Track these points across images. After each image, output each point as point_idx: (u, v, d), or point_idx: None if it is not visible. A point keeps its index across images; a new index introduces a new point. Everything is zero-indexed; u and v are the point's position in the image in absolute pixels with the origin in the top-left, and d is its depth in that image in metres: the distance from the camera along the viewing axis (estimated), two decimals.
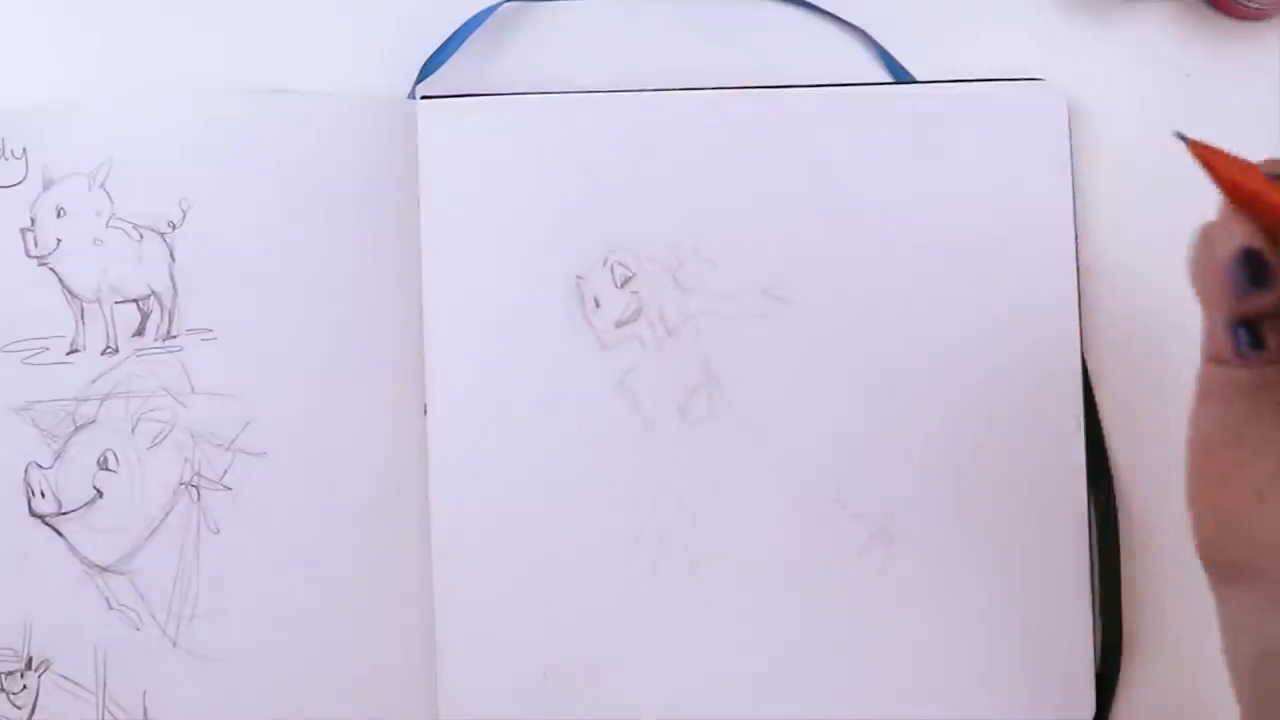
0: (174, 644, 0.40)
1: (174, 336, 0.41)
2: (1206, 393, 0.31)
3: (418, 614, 0.41)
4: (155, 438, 0.41)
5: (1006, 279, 0.42)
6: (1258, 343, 0.29)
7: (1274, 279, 0.28)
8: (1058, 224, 0.42)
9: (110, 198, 0.41)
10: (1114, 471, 0.42)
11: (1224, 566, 0.31)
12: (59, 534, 0.41)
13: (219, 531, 0.40)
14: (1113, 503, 0.41)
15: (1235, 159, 0.29)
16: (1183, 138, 0.30)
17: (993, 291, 0.42)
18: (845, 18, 0.43)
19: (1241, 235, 0.28)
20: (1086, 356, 0.42)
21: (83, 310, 0.41)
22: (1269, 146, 0.42)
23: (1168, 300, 0.43)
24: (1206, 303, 0.30)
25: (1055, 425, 0.42)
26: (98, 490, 0.41)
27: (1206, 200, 0.43)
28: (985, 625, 0.42)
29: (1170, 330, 0.43)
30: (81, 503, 0.41)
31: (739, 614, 0.41)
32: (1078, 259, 0.42)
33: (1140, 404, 0.43)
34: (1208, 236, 0.29)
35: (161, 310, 0.41)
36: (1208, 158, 0.30)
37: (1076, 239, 0.42)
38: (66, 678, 0.40)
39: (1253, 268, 0.29)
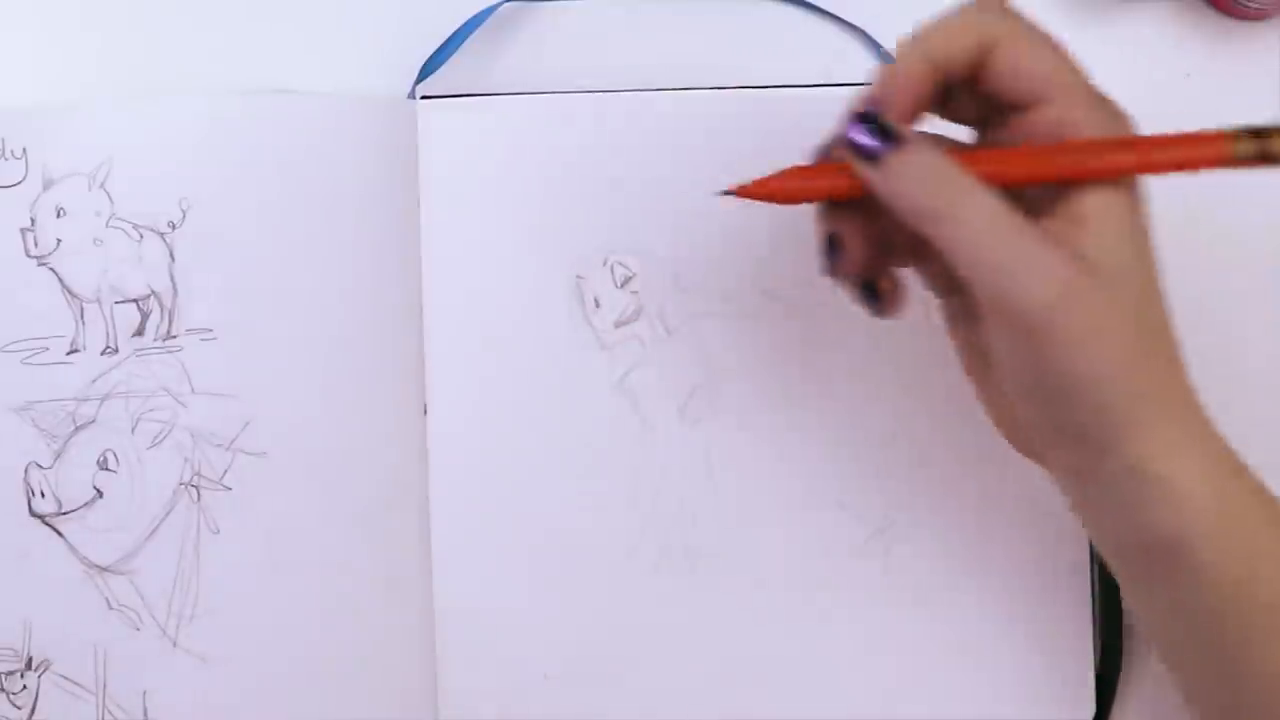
0: (174, 644, 0.40)
1: (174, 336, 0.41)
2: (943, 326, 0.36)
3: (418, 614, 0.41)
4: (155, 438, 0.40)
5: None
6: (876, 297, 0.34)
7: (841, 241, 0.33)
8: None
9: (110, 198, 0.41)
10: None
11: (1034, 457, 0.35)
12: (59, 534, 0.40)
13: (219, 531, 0.40)
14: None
15: (771, 177, 0.33)
16: (727, 193, 0.34)
17: None
18: (845, 18, 0.43)
19: (823, 227, 0.33)
20: None
21: (82, 310, 0.41)
22: None
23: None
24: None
25: None
26: (98, 490, 0.40)
27: (1195, 191, 0.40)
28: (985, 625, 0.42)
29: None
30: (81, 503, 0.40)
31: (739, 614, 0.41)
32: None
33: None
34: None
35: (161, 310, 0.41)
36: (752, 192, 0.34)
37: None
38: (66, 678, 0.40)
39: (832, 248, 0.34)
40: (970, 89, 0.32)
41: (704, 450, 0.42)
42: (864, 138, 0.31)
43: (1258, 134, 0.30)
